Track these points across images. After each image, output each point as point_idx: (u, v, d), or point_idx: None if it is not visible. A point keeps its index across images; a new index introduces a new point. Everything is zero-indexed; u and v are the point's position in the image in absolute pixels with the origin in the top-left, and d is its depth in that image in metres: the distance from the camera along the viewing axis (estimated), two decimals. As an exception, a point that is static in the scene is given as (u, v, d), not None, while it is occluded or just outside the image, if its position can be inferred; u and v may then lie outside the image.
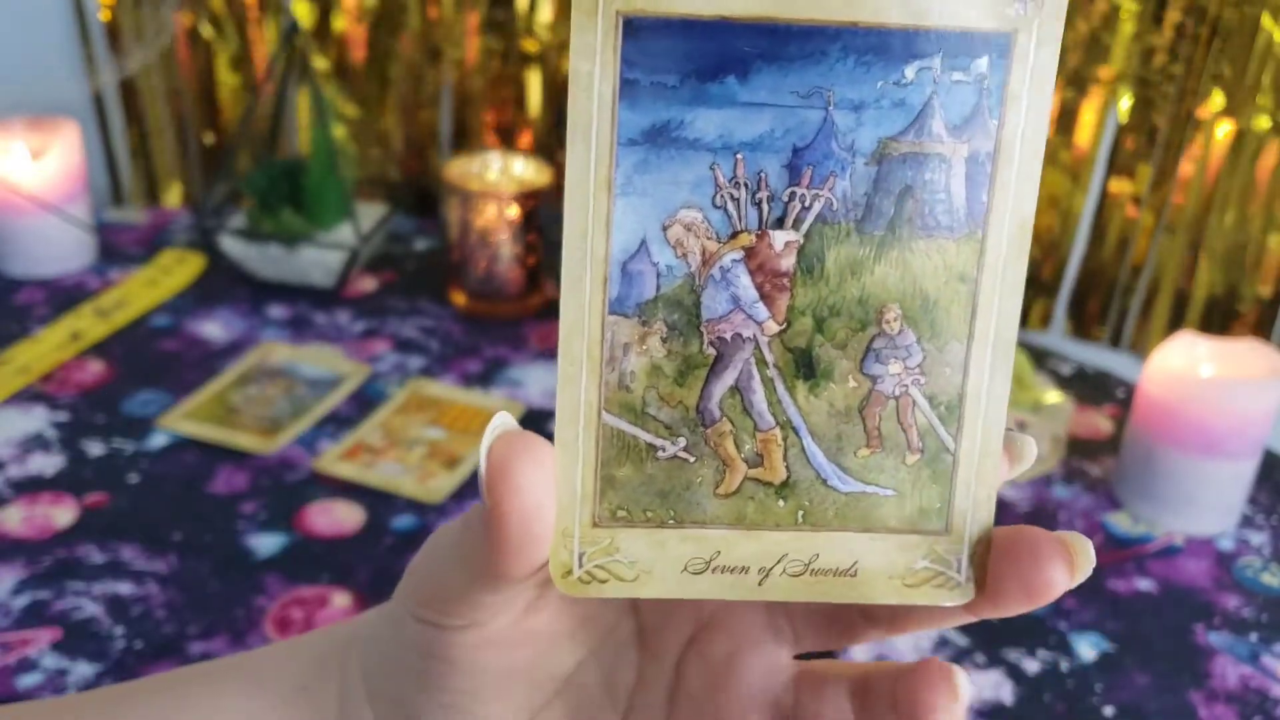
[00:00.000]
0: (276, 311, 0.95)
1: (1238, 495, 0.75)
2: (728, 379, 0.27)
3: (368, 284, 1.00)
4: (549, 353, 0.92)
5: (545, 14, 1.06)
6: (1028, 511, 0.77)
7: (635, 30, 0.25)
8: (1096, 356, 1.00)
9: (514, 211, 0.93)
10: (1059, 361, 0.94)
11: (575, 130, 0.26)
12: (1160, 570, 0.73)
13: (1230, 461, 0.73)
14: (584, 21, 0.25)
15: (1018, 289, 0.27)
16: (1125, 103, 0.93)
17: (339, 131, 1.03)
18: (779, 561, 0.28)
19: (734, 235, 0.26)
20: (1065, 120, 0.96)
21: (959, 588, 0.28)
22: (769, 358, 0.27)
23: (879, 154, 0.26)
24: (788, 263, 0.26)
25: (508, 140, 1.11)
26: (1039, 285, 1.01)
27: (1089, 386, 0.91)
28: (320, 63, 1.10)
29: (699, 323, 0.27)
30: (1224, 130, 0.90)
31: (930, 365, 0.27)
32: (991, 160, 0.26)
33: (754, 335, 0.27)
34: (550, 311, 0.97)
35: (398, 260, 1.05)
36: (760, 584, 0.28)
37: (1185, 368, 0.74)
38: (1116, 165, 0.96)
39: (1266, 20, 0.86)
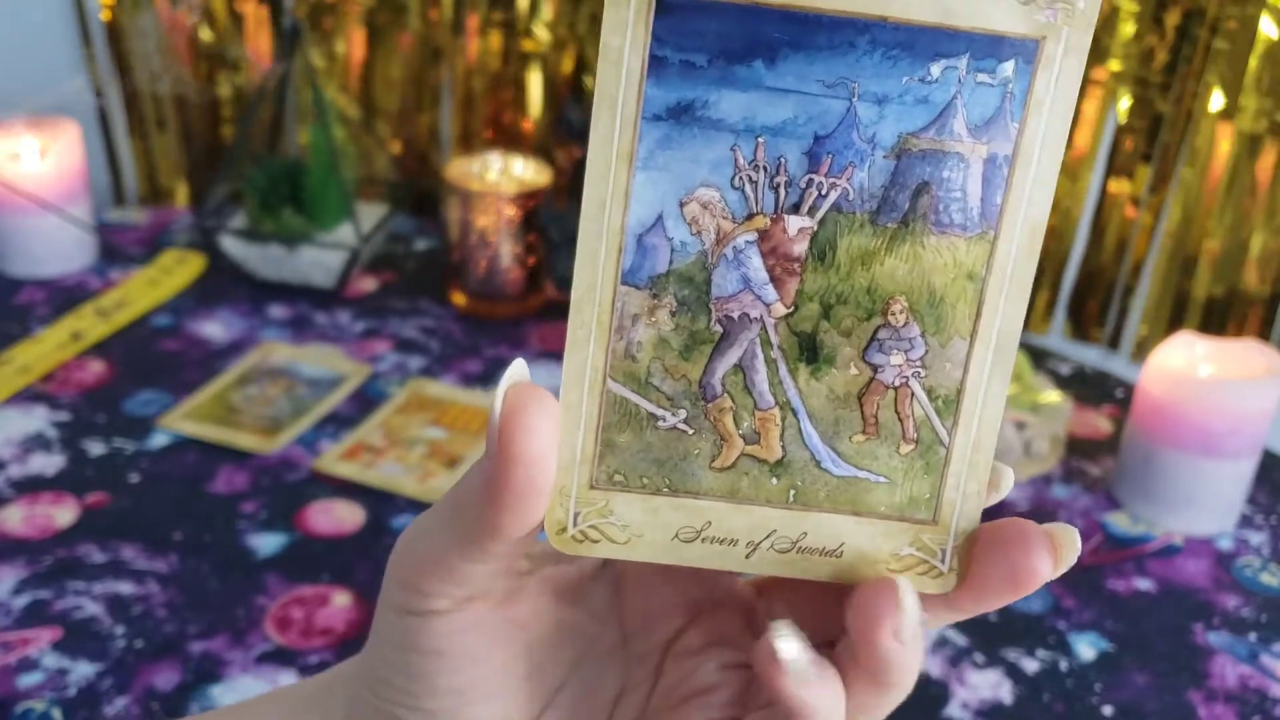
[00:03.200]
0: (277, 311, 0.95)
1: (1237, 495, 0.75)
2: (732, 357, 0.27)
3: (368, 284, 1.00)
4: (550, 353, 0.92)
5: (545, 14, 1.06)
6: (1027, 511, 0.77)
7: (667, 8, 0.25)
8: (1096, 357, 1.00)
9: (514, 211, 0.93)
10: (1058, 362, 0.95)
11: (601, 103, 0.26)
12: (1159, 570, 0.73)
13: (1229, 461, 0.73)
14: None
15: (1024, 291, 0.27)
16: (1125, 103, 0.94)
17: (339, 131, 1.04)
18: (767, 536, 0.28)
19: (749, 217, 0.27)
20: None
21: (941, 577, 0.28)
22: (774, 339, 0.27)
23: (899, 148, 0.26)
24: (800, 248, 0.27)
25: (508, 140, 1.11)
26: (1038, 285, 1.01)
27: (1088, 387, 0.91)
28: (320, 63, 1.10)
29: (708, 300, 0.27)
30: (1224, 130, 0.90)
31: (932, 359, 0.27)
32: (1009, 163, 0.26)
33: (761, 316, 0.27)
34: (550, 312, 0.97)
35: (398, 260, 1.05)
36: (748, 557, 0.28)
37: (1184, 368, 0.74)
38: (1115, 165, 0.96)
39: (1266, 20, 0.86)
